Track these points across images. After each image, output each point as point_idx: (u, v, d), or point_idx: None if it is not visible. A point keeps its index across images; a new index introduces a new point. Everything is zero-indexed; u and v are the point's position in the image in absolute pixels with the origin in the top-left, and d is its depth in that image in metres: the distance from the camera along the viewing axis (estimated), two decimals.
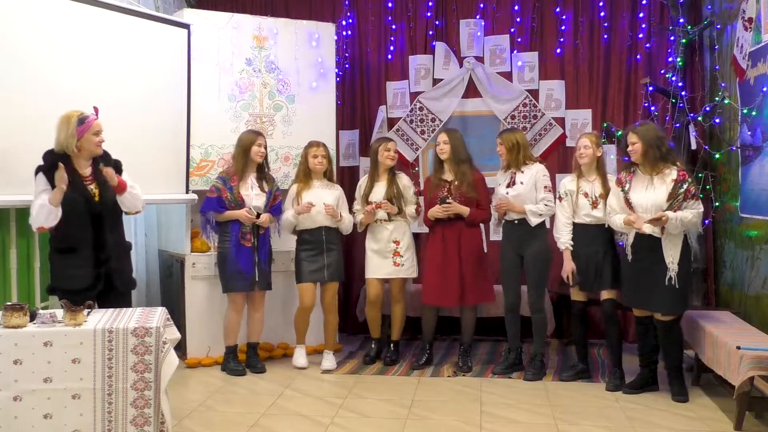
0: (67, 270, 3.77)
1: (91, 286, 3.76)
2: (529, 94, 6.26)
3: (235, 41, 5.53)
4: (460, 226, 5.08)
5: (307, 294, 5.18)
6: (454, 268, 5.04)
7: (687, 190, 4.32)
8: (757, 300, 4.90)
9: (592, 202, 4.75)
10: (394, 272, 5.25)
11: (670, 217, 4.26)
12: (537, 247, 4.94)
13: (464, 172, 5.09)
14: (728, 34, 5.48)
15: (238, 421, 4.10)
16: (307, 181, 5.25)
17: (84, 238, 3.77)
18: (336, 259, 5.23)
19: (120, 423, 3.14)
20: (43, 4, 4.16)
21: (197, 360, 5.31)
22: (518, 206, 4.91)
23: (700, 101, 5.86)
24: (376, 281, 5.28)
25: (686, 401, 4.41)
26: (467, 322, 5.23)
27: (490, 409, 4.32)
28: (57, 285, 3.79)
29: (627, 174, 4.54)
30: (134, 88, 4.73)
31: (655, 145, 4.38)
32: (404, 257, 5.25)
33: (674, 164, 4.40)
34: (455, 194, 5.06)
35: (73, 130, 3.73)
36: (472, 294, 5.08)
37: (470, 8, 6.38)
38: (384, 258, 5.25)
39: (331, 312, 5.31)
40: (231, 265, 5.00)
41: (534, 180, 4.93)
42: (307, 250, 5.19)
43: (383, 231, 5.26)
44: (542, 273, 4.97)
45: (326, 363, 5.22)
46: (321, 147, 5.26)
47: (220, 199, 5.00)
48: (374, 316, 5.38)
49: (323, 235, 5.18)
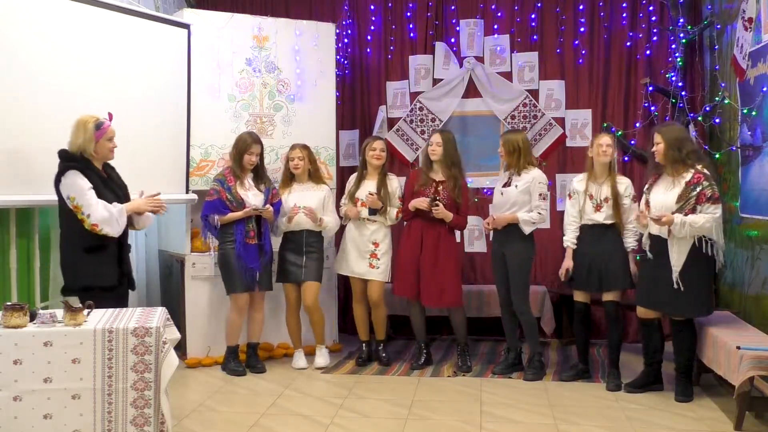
0: (97, 267, 3.81)
1: (119, 283, 3.88)
2: (529, 94, 6.26)
3: (235, 41, 5.53)
4: (440, 229, 5.07)
5: (289, 293, 5.26)
6: (426, 267, 5.04)
7: (701, 193, 4.24)
8: (757, 300, 4.90)
9: (595, 205, 4.75)
10: (366, 273, 5.25)
11: (675, 221, 4.25)
12: (516, 247, 4.93)
13: (455, 176, 5.09)
14: (728, 34, 5.48)
15: (238, 421, 4.10)
16: (288, 184, 5.29)
17: (112, 237, 3.84)
18: (315, 260, 5.24)
19: (120, 423, 3.14)
20: (43, 4, 4.16)
21: (197, 360, 5.32)
22: (507, 218, 4.91)
23: (700, 101, 5.86)
24: (359, 280, 5.30)
25: (689, 401, 4.40)
26: (456, 322, 5.23)
27: (490, 409, 4.32)
28: (88, 283, 3.77)
29: (653, 176, 4.54)
30: (134, 88, 4.73)
31: (675, 146, 4.34)
32: (380, 260, 5.25)
33: (693, 167, 4.33)
34: (442, 195, 5.06)
35: (90, 135, 3.79)
36: (438, 296, 5.05)
37: (470, 8, 6.38)
38: (361, 257, 5.26)
39: (315, 310, 5.27)
40: (237, 265, 4.99)
41: (529, 187, 4.91)
42: (288, 250, 5.24)
43: (364, 230, 5.26)
44: (523, 273, 4.96)
45: (319, 360, 5.25)
46: (297, 149, 5.26)
47: (221, 201, 5.00)
48: (361, 315, 5.40)
49: (304, 238, 5.21)
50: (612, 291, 4.75)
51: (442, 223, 5.06)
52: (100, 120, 3.84)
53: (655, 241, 4.44)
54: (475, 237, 6.36)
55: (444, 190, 5.08)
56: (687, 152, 4.35)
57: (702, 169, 4.33)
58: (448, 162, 5.10)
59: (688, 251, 4.31)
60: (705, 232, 4.27)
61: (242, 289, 5.05)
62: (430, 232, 5.08)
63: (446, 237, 5.10)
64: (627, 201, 4.74)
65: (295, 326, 5.31)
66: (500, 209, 4.99)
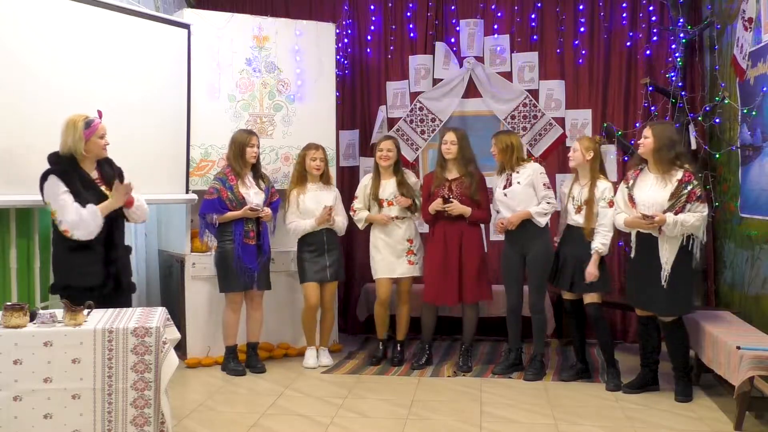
0: (80, 267, 3.79)
1: (103, 283, 3.83)
2: (529, 94, 6.26)
3: (235, 41, 5.53)
4: (462, 225, 5.08)
5: (312, 293, 5.23)
6: (454, 267, 5.04)
7: (692, 192, 4.29)
8: (757, 300, 4.90)
9: (576, 207, 4.77)
10: (408, 271, 5.25)
11: (668, 221, 4.26)
12: (540, 248, 4.94)
13: (472, 172, 5.10)
14: (728, 34, 5.48)
15: (238, 421, 4.10)
16: (303, 184, 5.28)
17: (97, 237, 3.81)
18: (337, 259, 5.29)
19: (120, 423, 3.14)
20: (43, 4, 4.15)
21: (197, 360, 5.31)
22: (520, 215, 4.90)
23: (700, 101, 5.86)
24: (386, 281, 5.28)
25: (689, 401, 4.40)
26: (469, 321, 5.23)
27: (490, 409, 4.32)
28: (70, 282, 3.77)
29: (634, 171, 4.55)
30: (134, 88, 4.73)
31: (667, 146, 4.36)
32: (417, 256, 5.28)
33: (683, 167, 4.37)
34: (456, 192, 5.06)
35: (80, 134, 3.76)
36: (471, 292, 5.08)
37: (470, 8, 6.38)
38: (398, 257, 5.25)
39: (330, 310, 5.37)
40: (234, 265, 4.99)
41: (531, 179, 4.93)
42: (309, 251, 5.23)
43: (396, 230, 5.25)
44: (544, 274, 4.97)
45: (325, 359, 5.28)
46: (320, 150, 5.28)
47: (220, 200, 5.00)
48: (383, 316, 5.39)
49: (324, 236, 5.23)
50: (590, 293, 4.75)
51: (462, 219, 5.05)
52: (90, 118, 3.82)
53: (644, 240, 4.44)
54: None
55: (457, 187, 5.07)
56: (677, 153, 4.38)
57: (690, 168, 4.39)
58: (465, 160, 5.10)
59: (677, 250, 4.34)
60: (694, 231, 4.33)
61: (238, 289, 5.06)
62: (453, 231, 5.07)
63: (469, 232, 5.09)
64: (602, 203, 4.70)
65: (313, 325, 5.31)
66: (509, 210, 4.97)
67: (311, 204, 5.21)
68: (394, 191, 5.24)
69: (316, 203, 5.20)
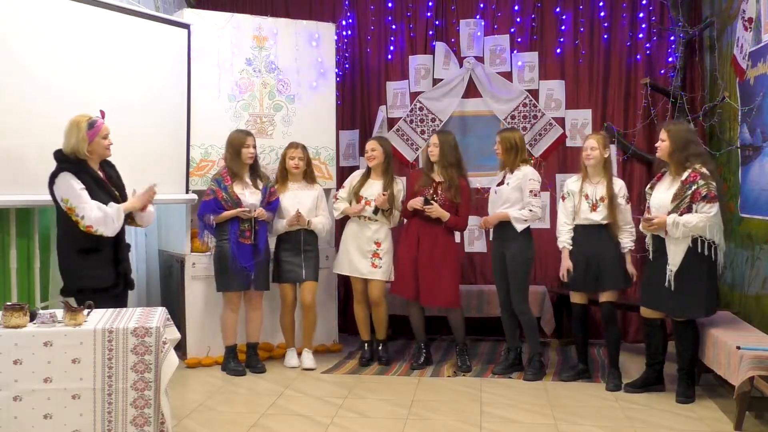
0: (92, 269, 3.82)
1: (115, 283, 3.88)
2: (529, 94, 6.26)
3: (235, 41, 5.53)
4: (438, 229, 5.07)
5: (287, 293, 5.25)
6: (424, 265, 5.04)
7: (696, 192, 4.23)
8: (757, 300, 4.90)
9: (591, 204, 4.74)
10: (369, 273, 5.25)
11: (667, 221, 4.26)
12: (516, 248, 4.92)
13: (451, 176, 5.09)
14: (728, 34, 5.48)
15: (238, 421, 4.10)
16: (284, 183, 5.29)
17: (107, 238, 3.83)
18: (312, 258, 5.28)
19: (120, 423, 3.14)
20: (43, 4, 4.15)
21: (197, 360, 5.31)
22: (497, 216, 4.93)
23: (700, 101, 5.86)
24: (359, 280, 5.30)
25: (690, 402, 4.39)
26: (454, 322, 5.23)
27: (490, 409, 4.32)
28: (83, 285, 3.78)
29: (657, 175, 4.55)
30: (134, 88, 4.73)
31: (681, 147, 4.33)
32: (382, 260, 5.25)
33: (692, 167, 4.31)
34: (440, 196, 5.06)
35: (84, 135, 3.77)
36: (435, 296, 5.06)
37: (470, 8, 6.38)
38: (363, 257, 5.26)
39: (310, 311, 5.29)
40: (231, 264, 4.99)
41: (520, 184, 4.90)
42: (285, 250, 5.25)
43: (366, 230, 5.26)
44: (523, 274, 4.95)
45: (308, 362, 5.23)
46: (299, 149, 5.28)
47: (216, 201, 5.00)
48: (362, 315, 5.40)
49: (302, 237, 5.24)
50: (608, 291, 4.74)
51: (439, 223, 5.05)
52: (93, 119, 3.82)
53: (656, 241, 4.45)
54: (475, 237, 6.36)
55: (442, 191, 5.08)
56: (689, 153, 4.33)
57: (700, 168, 4.30)
58: (445, 163, 5.10)
59: (686, 251, 4.31)
60: (699, 232, 4.26)
61: (234, 289, 5.06)
62: (427, 231, 5.08)
63: (444, 237, 5.10)
64: (622, 201, 4.72)
65: (290, 325, 5.33)
66: (494, 208, 5.00)
67: (288, 203, 5.21)
68: (377, 193, 5.22)
69: (294, 203, 5.21)
